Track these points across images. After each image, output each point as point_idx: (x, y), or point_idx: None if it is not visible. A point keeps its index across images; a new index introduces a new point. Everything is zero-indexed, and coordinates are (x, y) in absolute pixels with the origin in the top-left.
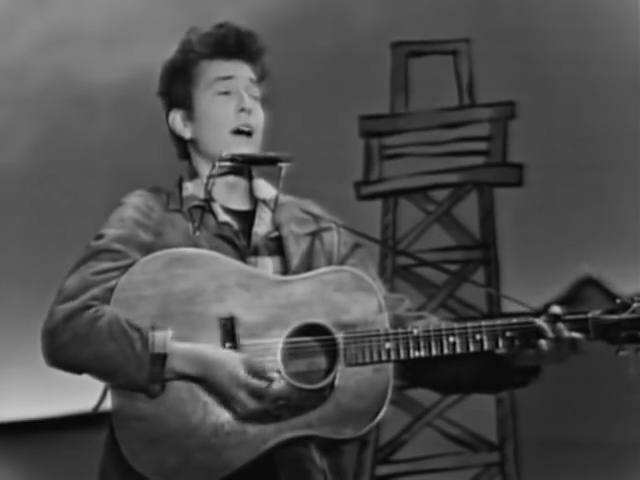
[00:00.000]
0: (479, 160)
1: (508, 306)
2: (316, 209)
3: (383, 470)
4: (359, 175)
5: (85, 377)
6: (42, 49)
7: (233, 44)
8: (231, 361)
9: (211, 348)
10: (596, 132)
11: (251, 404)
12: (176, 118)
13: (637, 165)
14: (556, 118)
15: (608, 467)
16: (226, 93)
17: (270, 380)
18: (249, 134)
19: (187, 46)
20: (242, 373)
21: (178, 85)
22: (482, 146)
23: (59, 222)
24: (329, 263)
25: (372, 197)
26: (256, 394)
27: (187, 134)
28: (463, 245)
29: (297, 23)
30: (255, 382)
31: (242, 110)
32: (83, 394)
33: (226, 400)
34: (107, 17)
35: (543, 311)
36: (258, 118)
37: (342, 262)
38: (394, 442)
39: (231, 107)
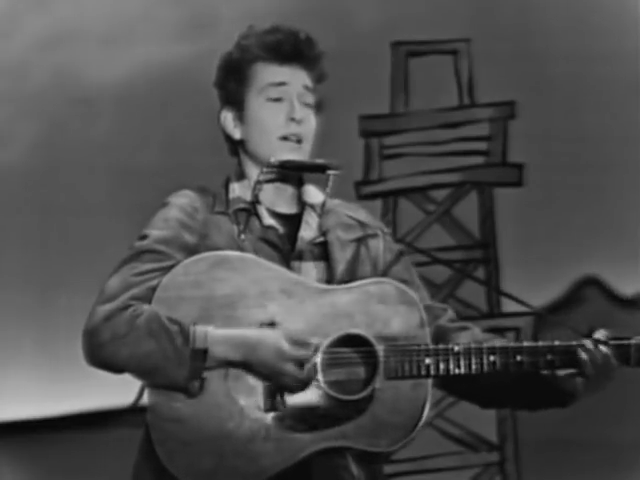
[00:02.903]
0: (479, 160)
1: (508, 306)
2: (363, 214)
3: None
4: (359, 175)
5: (85, 378)
6: (42, 49)
7: (289, 50)
8: (273, 337)
9: (249, 330)
10: (596, 132)
11: (300, 374)
12: (227, 117)
13: (637, 165)
14: (556, 118)
15: (608, 467)
16: (277, 100)
17: (313, 348)
18: (298, 141)
19: (244, 44)
20: (286, 346)
21: (232, 84)
22: (482, 146)
23: (59, 222)
24: (374, 270)
25: (372, 197)
26: (303, 363)
27: (237, 135)
28: (463, 245)
29: (297, 23)
30: (301, 352)
31: (292, 120)
32: (83, 394)
33: (275, 377)
34: (107, 17)
35: (587, 335)
36: (309, 127)
37: (387, 269)
38: None
39: (281, 115)
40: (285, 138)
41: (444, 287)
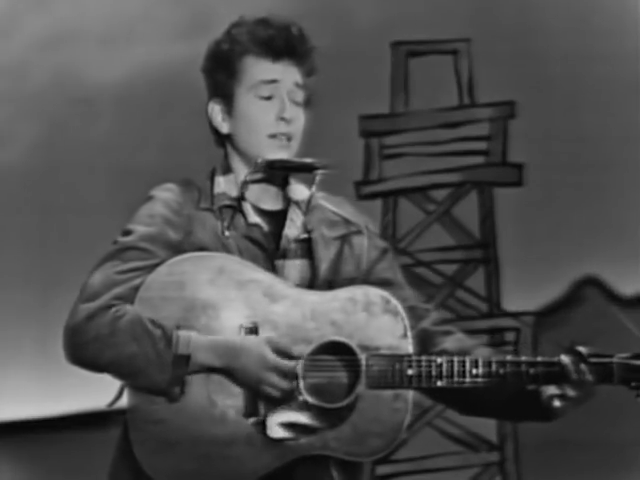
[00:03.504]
0: (479, 160)
1: (508, 306)
2: (348, 209)
3: (383, 469)
4: (359, 175)
5: (85, 377)
6: (42, 49)
7: (282, 45)
8: (256, 345)
9: (233, 337)
10: (596, 132)
11: (283, 384)
12: (215, 109)
13: (637, 164)
14: (556, 117)
15: (608, 467)
16: (268, 98)
17: (297, 358)
18: (288, 139)
19: (235, 34)
20: (270, 355)
21: (221, 75)
22: (482, 146)
23: (59, 222)
24: (357, 268)
25: (372, 197)
26: (286, 374)
27: (224, 129)
28: (463, 245)
29: (297, 23)
30: (284, 362)
31: (282, 119)
32: (83, 394)
33: (257, 386)
34: (107, 17)
35: (569, 350)
36: (298, 125)
37: (372, 267)
38: None
39: (271, 113)
40: (274, 136)
41: (444, 287)
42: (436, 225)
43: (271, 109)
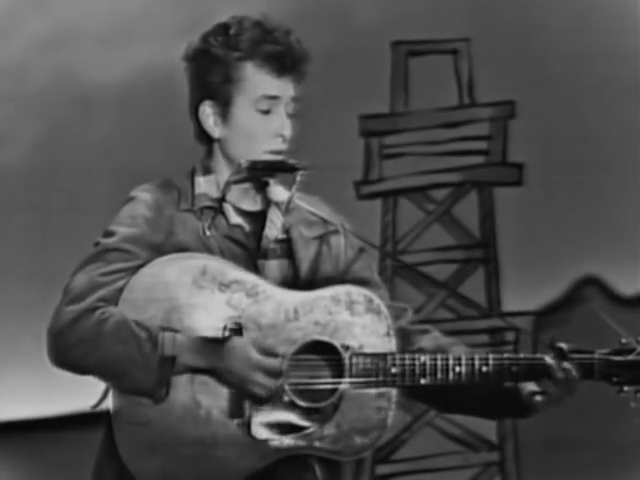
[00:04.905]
0: (479, 159)
1: (508, 306)
2: (323, 208)
3: (383, 469)
4: (359, 175)
5: (86, 377)
6: (42, 49)
7: (289, 63)
8: (241, 345)
9: (218, 337)
10: (596, 131)
11: (268, 383)
12: (206, 112)
13: (637, 164)
14: (556, 117)
15: (608, 467)
16: (266, 112)
17: (282, 356)
18: (279, 153)
19: (233, 38)
20: (254, 354)
21: (215, 77)
22: (482, 145)
23: (59, 222)
24: (335, 268)
25: (372, 196)
26: (272, 373)
27: (216, 134)
28: (463, 244)
29: (297, 23)
30: (269, 361)
31: (281, 136)
32: (83, 394)
33: (242, 385)
34: (107, 17)
35: (550, 346)
36: (289, 138)
37: (349, 266)
38: (394, 441)
39: (269, 128)
40: (270, 152)
41: (444, 287)
42: (436, 225)
43: (270, 124)
